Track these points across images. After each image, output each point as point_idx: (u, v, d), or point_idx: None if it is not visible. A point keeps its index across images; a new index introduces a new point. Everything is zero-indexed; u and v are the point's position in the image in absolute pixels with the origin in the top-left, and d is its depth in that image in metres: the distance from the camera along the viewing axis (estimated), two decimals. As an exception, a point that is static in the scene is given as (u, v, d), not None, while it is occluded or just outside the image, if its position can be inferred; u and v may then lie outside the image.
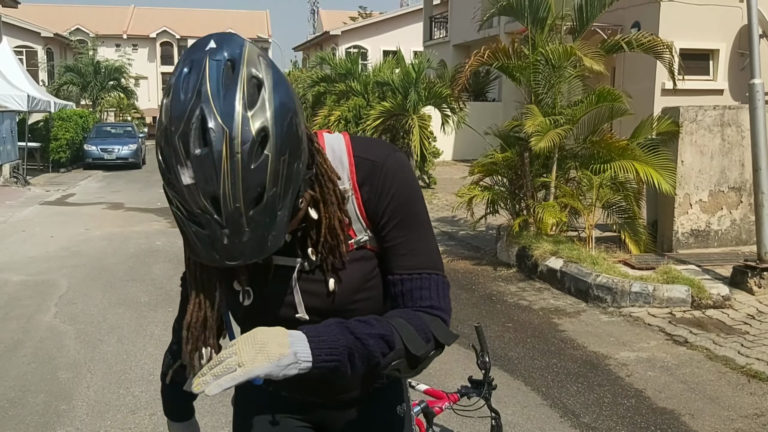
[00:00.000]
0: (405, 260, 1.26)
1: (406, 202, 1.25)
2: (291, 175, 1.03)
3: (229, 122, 0.95)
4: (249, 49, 1.01)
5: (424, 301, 1.25)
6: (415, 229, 1.26)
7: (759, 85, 6.26)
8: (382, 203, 1.23)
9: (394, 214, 1.24)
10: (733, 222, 7.63)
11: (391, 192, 1.23)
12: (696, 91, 11.80)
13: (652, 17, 11.66)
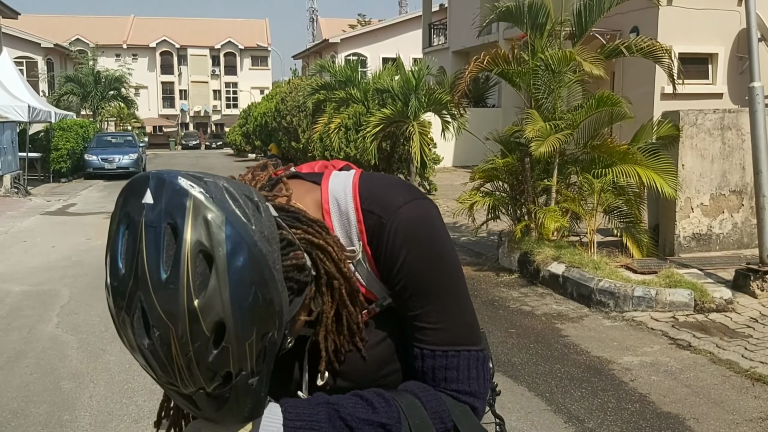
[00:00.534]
0: (426, 334, 1.02)
1: (423, 270, 1.00)
2: (263, 350, 0.85)
3: (174, 320, 0.77)
4: (194, 203, 0.79)
5: (449, 383, 1.02)
6: (438, 299, 1.01)
7: (759, 88, 6.26)
8: (392, 269, 1.00)
9: (408, 284, 1.00)
10: (734, 225, 7.63)
11: (400, 257, 0.99)
12: (695, 95, 11.81)
13: (651, 22, 11.69)
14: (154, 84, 60.31)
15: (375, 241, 1.00)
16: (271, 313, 0.84)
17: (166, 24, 61.99)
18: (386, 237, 0.99)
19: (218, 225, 0.79)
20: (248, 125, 32.11)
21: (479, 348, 1.05)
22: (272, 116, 24.18)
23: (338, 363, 1.03)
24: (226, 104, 62.32)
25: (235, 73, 62.19)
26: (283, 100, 22.05)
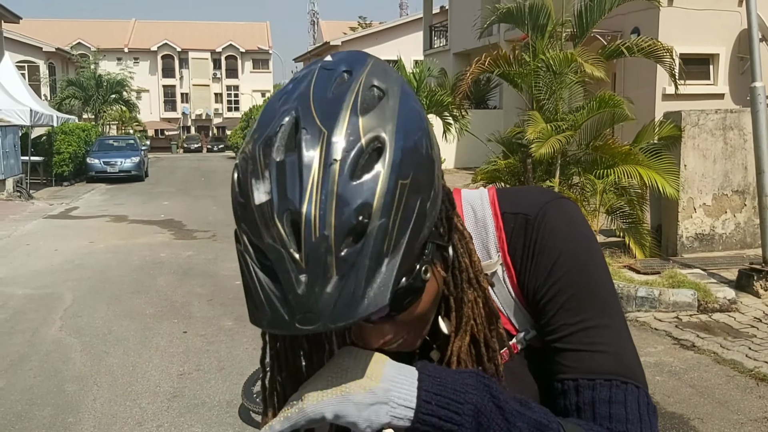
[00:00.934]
0: (582, 360, 0.80)
1: (577, 271, 0.82)
2: (411, 211, 0.68)
3: (329, 124, 0.66)
4: (374, 61, 0.73)
5: (616, 423, 0.77)
6: (595, 312, 0.81)
7: (760, 88, 6.27)
8: (540, 274, 0.83)
9: (560, 291, 0.82)
10: (737, 225, 7.62)
11: (552, 257, 0.82)
12: (697, 95, 11.81)
13: (652, 23, 11.70)
14: (155, 87, 60.38)
15: (519, 245, 0.85)
16: (431, 176, 0.71)
17: (168, 27, 62.09)
18: (534, 234, 0.84)
19: (395, 78, 0.73)
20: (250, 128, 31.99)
21: (646, 389, 0.82)
22: (274, 119, 24.19)
23: None
24: (227, 107, 62.38)
25: (236, 76, 62.26)
26: (285, 102, 22.07)
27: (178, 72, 60.94)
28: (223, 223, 12.32)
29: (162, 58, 60.43)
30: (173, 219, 12.99)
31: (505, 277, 0.85)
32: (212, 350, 5.30)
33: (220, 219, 12.84)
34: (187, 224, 12.30)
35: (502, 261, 0.85)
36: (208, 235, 11.04)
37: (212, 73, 61.68)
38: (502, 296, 0.86)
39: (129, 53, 58.03)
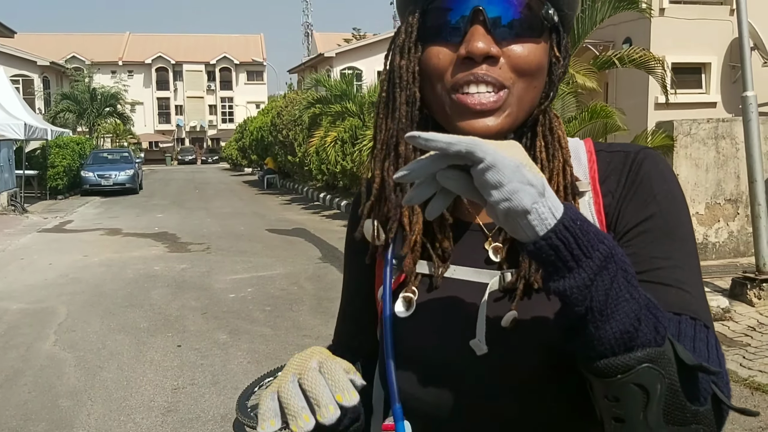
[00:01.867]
0: (669, 294, 0.78)
1: (675, 212, 0.83)
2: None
3: None
4: None
5: (696, 356, 0.72)
6: (684, 254, 0.82)
7: (752, 97, 6.30)
8: (639, 204, 0.83)
9: (655, 226, 0.82)
10: (730, 234, 7.65)
11: (652, 191, 0.83)
12: (689, 104, 11.88)
13: (643, 32, 11.77)
14: (149, 100, 60.43)
15: (614, 176, 0.86)
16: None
17: (162, 40, 62.22)
18: (636, 167, 0.85)
19: None
20: (244, 140, 32.17)
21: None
22: (268, 130, 24.24)
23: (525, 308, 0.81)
24: (221, 119, 62.46)
25: (230, 88, 62.38)
26: (279, 114, 22.11)
27: (173, 84, 61.03)
28: (217, 235, 12.31)
29: (156, 70, 60.52)
30: (167, 232, 12.97)
31: (591, 202, 0.85)
32: (206, 364, 5.28)
33: (214, 231, 12.83)
34: (181, 237, 12.28)
35: (591, 187, 0.86)
36: (202, 247, 11.03)
37: (206, 85, 61.79)
38: (584, 212, 0.85)
39: (123, 66, 58.12)
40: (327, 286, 7.85)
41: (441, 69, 0.81)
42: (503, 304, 0.83)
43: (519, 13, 0.80)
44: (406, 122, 0.84)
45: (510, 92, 0.80)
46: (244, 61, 60.89)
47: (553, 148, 0.85)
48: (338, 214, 15.39)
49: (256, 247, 10.84)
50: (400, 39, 0.85)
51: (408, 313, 0.86)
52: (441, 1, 0.81)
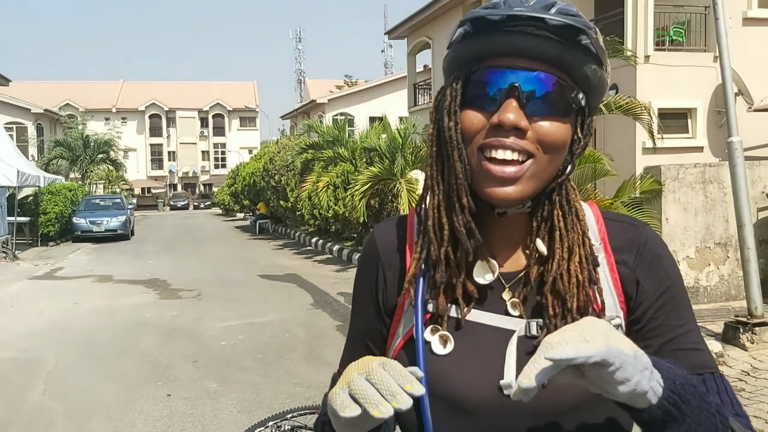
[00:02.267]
0: (690, 357, 0.94)
1: (678, 276, 0.99)
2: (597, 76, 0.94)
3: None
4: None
5: (727, 407, 0.90)
6: (691, 316, 0.98)
7: (737, 142, 6.40)
8: (654, 277, 0.96)
9: (670, 293, 0.96)
10: (721, 278, 7.68)
11: (664, 264, 0.97)
12: (677, 149, 12.02)
13: (630, 79, 11.98)
14: (142, 146, 60.71)
15: (628, 249, 0.97)
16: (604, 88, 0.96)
17: (155, 88, 62.81)
18: (647, 242, 0.98)
19: None
20: (237, 185, 32.26)
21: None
22: (260, 176, 24.34)
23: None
24: (214, 164, 62.72)
25: (223, 134, 62.80)
26: (272, 159, 22.24)
27: (166, 131, 61.42)
28: (209, 282, 12.26)
29: (149, 117, 60.97)
30: (158, 278, 12.91)
31: (605, 262, 0.97)
32: (196, 414, 5.21)
33: (205, 278, 12.78)
34: (172, 283, 12.22)
35: (602, 249, 0.98)
36: (194, 294, 10.97)
37: (199, 131, 62.22)
38: (602, 278, 0.96)
39: (117, 113, 58.55)
40: (319, 333, 7.81)
41: (473, 132, 0.91)
42: (529, 352, 0.90)
43: (550, 93, 0.90)
44: (462, 177, 0.92)
45: (533, 162, 0.90)
46: (237, 108, 61.45)
47: (571, 219, 0.95)
48: (330, 259, 15.37)
49: (247, 294, 10.80)
50: (446, 102, 0.94)
51: (445, 350, 0.94)
52: (482, 73, 0.91)
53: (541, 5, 0.88)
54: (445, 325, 0.95)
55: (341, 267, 13.81)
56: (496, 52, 0.90)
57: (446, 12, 19.66)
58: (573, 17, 0.88)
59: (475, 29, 0.91)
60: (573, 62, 0.90)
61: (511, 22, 0.88)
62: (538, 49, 0.89)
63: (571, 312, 0.92)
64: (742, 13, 12.57)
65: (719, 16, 6.46)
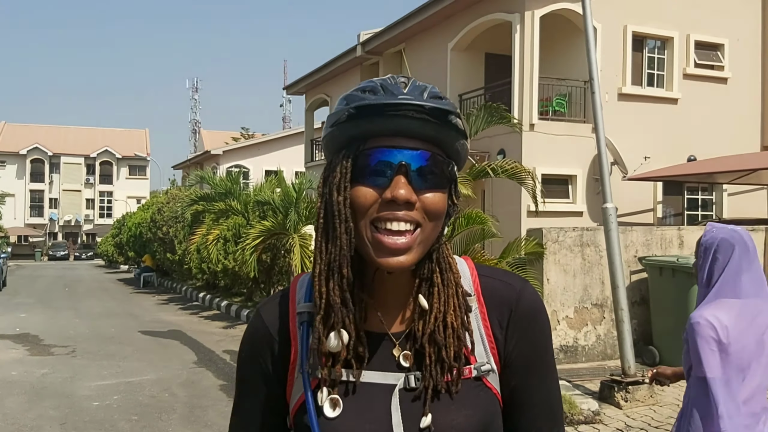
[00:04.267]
0: (547, 414, 1.10)
1: (548, 343, 1.10)
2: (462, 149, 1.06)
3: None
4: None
5: None
6: (553, 375, 1.12)
7: (611, 208, 6.79)
8: (524, 340, 1.07)
9: (536, 357, 1.08)
10: (598, 337, 8.02)
11: (537, 327, 1.08)
12: (559, 213, 12.63)
13: (516, 145, 12.56)
14: (22, 192, 57.44)
15: (501, 309, 1.07)
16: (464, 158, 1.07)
17: (39, 131, 59.97)
18: (521, 304, 1.07)
19: None
20: (122, 235, 30.95)
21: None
22: (148, 227, 23.48)
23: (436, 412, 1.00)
24: (99, 213, 60.07)
25: (110, 182, 60.47)
26: (160, 210, 21.55)
27: (48, 176, 58.50)
28: (85, 337, 11.56)
29: (31, 162, 57.95)
30: (29, 333, 12.04)
31: (477, 312, 1.07)
32: (60, 482, 4.82)
33: (81, 333, 12.04)
34: (44, 339, 11.43)
35: (476, 299, 1.08)
36: (67, 350, 10.29)
37: (85, 179, 59.64)
38: (474, 325, 1.06)
39: (-5, 156, 55.30)
40: (201, 393, 7.48)
41: (366, 206, 0.99)
42: (418, 405, 1.01)
43: (432, 169, 1.00)
44: (346, 249, 0.99)
45: (421, 231, 0.99)
46: (126, 155, 59.51)
47: (447, 276, 1.05)
48: (218, 315, 14.90)
49: (125, 351, 10.24)
50: (336, 178, 1.01)
51: (335, 413, 1.01)
52: (372, 153, 1.00)
53: (417, 91, 0.98)
54: (336, 389, 1.02)
55: (228, 323, 13.41)
56: (380, 133, 0.99)
57: (345, 71, 20.05)
58: (442, 101, 1.00)
59: (359, 113, 0.99)
60: (447, 139, 1.01)
61: (392, 107, 0.97)
62: (419, 130, 0.99)
63: (448, 360, 1.01)
64: (617, 89, 13.56)
65: (595, 90, 6.92)
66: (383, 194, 0.98)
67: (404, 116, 0.97)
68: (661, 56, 14.41)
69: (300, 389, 1.04)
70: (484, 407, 1.03)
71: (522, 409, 1.08)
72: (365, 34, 18.24)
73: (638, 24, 13.81)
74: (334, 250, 1.00)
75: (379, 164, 0.99)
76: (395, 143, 0.99)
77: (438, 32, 15.05)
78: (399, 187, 0.97)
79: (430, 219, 1.00)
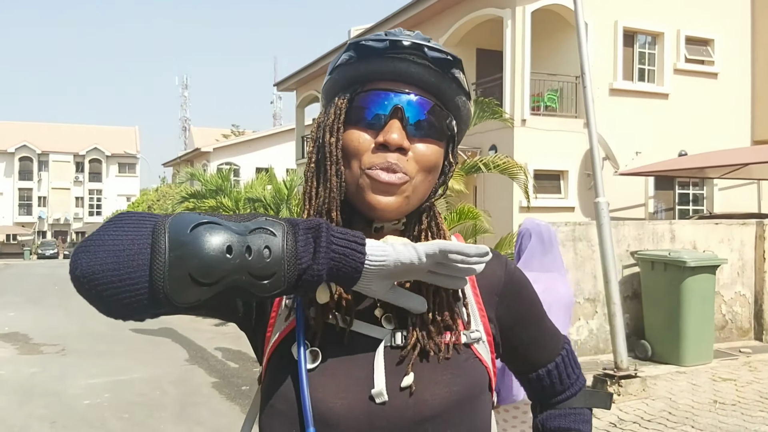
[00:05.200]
0: (547, 350, 1.19)
1: (538, 301, 1.19)
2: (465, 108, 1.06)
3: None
4: None
5: (571, 378, 1.22)
6: (544, 313, 1.20)
7: (603, 203, 6.78)
8: (517, 303, 1.13)
9: (533, 311, 1.17)
10: (590, 332, 8.01)
11: (525, 292, 1.16)
12: (550, 208, 12.65)
13: (508, 141, 12.56)
14: (10, 190, 57.07)
15: (489, 274, 1.08)
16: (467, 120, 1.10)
17: (28, 129, 59.56)
18: (507, 270, 1.12)
19: None
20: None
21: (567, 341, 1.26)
22: (138, 225, 23.37)
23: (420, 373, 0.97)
24: (89, 212, 59.73)
25: (100, 180, 60.15)
26: (150, 207, 21.48)
27: (37, 174, 58.13)
28: (75, 335, 11.48)
29: (20, 159, 57.57)
30: (18, 332, 11.95)
31: (468, 284, 1.06)
32: (50, 481, 4.77)
33: (71, 331, 11.96)
34: (33, 337, 11.34)
35: None
36: (57, 349, 10.22)
37: (74, 176, 59.29)
38: (466, 292, 1.06)
39: (-18, 154, 54.89)
40: (192, 391, 7.44)
41: (360, 150, 0.97)
42: (401, 366, 0.97)
43: (429, 117, 0.98)
44: (336, 191, 0.98)
45: (410, 181, 0.97)
46: (116, 153, 59.22)
47: (436, 236, 1.05)
48: (209, 312, 14.83)
49: (116, 349, 10.17)
50: (329, 119, 0.99)
51: (314, 365, 0.96)
52: (367, 95, 0.97)
53: (422, 39, 0.97)
54: (317, 342, 0.97)
55: (220, 321, 13.28)
56: (379, 76, 0.97)
57: (334, 68, 20.01)
58: (446, 53, 0.98)
59: (359, 55, 0.97)
60: (447, 91, 1.00)
61: (393, 49, 0.95)
62: (419, 76, 0.97)
63: (430, 323, 0.99)
64: (608, 84, 13.58)
65: (587, 85, 6.90)
66: (376, 138, 0.96)
67: (405, 59, 0.96)
68: (652, 51, 14.44)
69: (278, 329, 1.00)
70: (469, 374, 1.00)
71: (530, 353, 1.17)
72: (356, 30, 18.22)
73: (629, 19, 13.84)
74: (324, 193, 0.99)
75: (374, 107, 0.96)
76: (393, 87, 0.97)
77: (429, 28, 15.02)
78: (392, 131, 0.95)
79: (422, 170, 0.98)
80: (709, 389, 6.53)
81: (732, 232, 8.88)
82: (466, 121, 1.06)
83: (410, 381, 0.95)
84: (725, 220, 9.35)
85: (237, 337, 11.10)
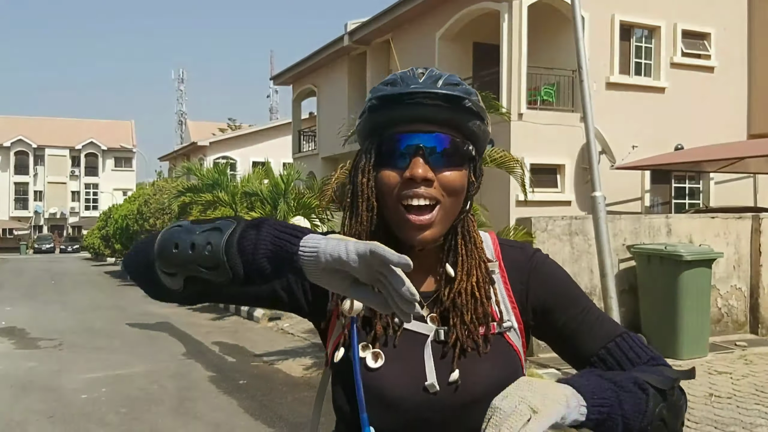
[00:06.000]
0: (601, 331, 1.20)
1: (568, 280, 1.26)
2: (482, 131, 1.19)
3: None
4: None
5: (642, 358, 1.18)
6: (586, 301, 1.24)
7: (600, 197, 6.81)
8: (546, 285, 1.22)
9: (568, 294, 1.23)
10: (587, 325, 8.03)
11: (555, 274, 1.24)
12: (547, 202, 12.65)
13: (504, 135, 12.55)
14: (6, 184, 56.95)
15: (519, 268, 1.22)
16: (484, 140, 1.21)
17: (23, 123, 59.38)
18: (535, 260, 1.24)
19: None
20: (108, 228, 30.69)
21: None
22: (134, 218, 23.31)
23: (463, 365, 1.13)
24: (85, 206, 59.63)
25: (96, 174, 60.03)
26: (147, 202, 21.42)
27: (33, 168, 58.02)
28: (72, 330, 11.48)
29: (15, 154, 57.44)
30: (15, 327, 11.94)
31: (499, 277, 1.21)
32: (49, 475, 4.78)
33: (68, 326, 11.96)
34: (31, 332, 11.34)
35: (498, 267, 1.22)
36: (54, 343, 10.22)
37: (70, 171, 59.17)
38: (498, 288, 1.20)
39: (-22, 148, 54.68)
40: (190, 385, 7.45)
41: (391, 187, 1.13)
42: (447, 361, 1.13)
43: (447, 149, 1.12)
44: (366, 224, 1.15)
45: (441, 207, 1.12)
46: (112, 147, 59.08)
47: (470, 247, 1.18)
48: (206, 307, 14.83)
49: (113, 343, 10.18)
50: (361, 163, 1.17)
51: (377, 365, 1.13)
52: (392, 138, 1.13)
53: (431, 80, 1.11)
54: (377, 343, 1.14)
55: (217, 315, 13.36)
56: (400, 120, 1.12)
57: (331, 61, 19.94)
58: (456, 86, 1.12)
59: (380, 104, 1.13)
60: (461, 121, 1.13)
61: (408, 96, 1.10)
62: (433, 115, 1.12)
63: (468, 322, 1.14)
64: (605, 78, 13.58)
65: (584, 79, 6.92)
66: (404, 174, 1.11)
67: (419, 104, 1.10)
68: (649, 45, 14.45)
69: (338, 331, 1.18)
70: (504, 361, 1.16)
71: (580, 336, 1.21)
72: (352, 23, 18.16)
73: (626, 13, 13.83)
74: (355, 225, 1.16)
75: (399, 148, 1.12)
76: (412, 128, 1.12)
77: (426, 21, 14.99)
78: (416, 167, 1.10)
79: (449, 195, 1.13)
80: (705, 382, 6.56)
81: (728, 226, 8.90)
82: (484, 139, 1.19)
83: (456, 377, 1.12)
84: (721, 214, 9.37)
85: (234, 332, 11.12)
